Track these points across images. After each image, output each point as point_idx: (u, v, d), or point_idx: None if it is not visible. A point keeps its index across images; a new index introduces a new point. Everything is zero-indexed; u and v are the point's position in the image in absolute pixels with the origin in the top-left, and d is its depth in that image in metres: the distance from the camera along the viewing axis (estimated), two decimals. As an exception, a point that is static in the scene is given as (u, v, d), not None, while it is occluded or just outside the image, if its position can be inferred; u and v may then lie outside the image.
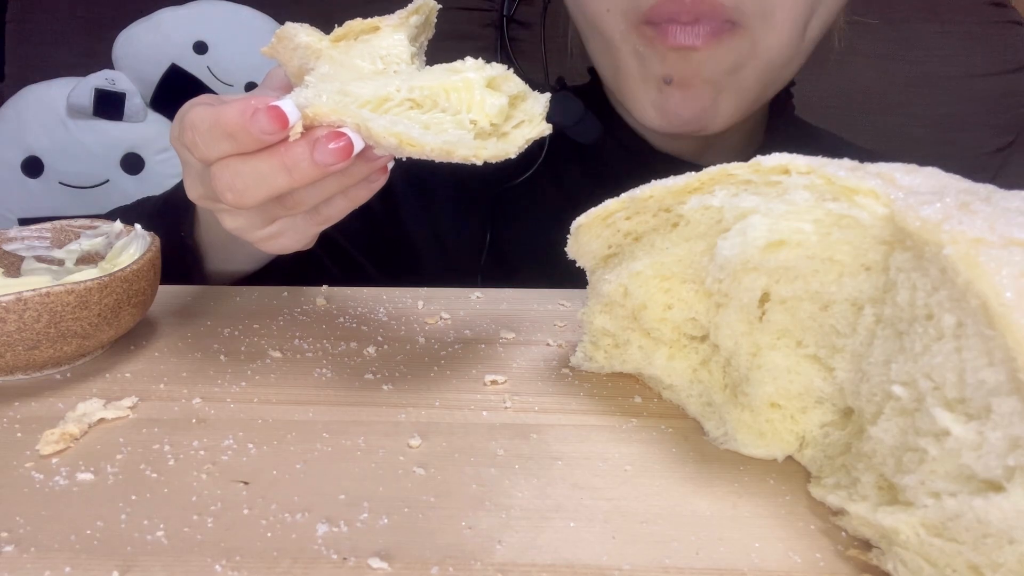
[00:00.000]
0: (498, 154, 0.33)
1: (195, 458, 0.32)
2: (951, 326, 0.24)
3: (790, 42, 0.51)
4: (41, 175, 1.21)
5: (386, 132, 0.31)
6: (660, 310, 0.36)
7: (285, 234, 0.40)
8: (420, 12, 0.38)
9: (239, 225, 0.39)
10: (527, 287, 0.52)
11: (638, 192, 0.35)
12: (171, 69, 1.21)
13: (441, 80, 0.34)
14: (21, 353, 0.36)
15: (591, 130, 0.64)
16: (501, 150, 0.33)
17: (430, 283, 0.53)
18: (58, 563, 0.26)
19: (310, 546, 0.27)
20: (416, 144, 0.31)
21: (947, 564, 0.24)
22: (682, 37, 0.50)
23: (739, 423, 0.33)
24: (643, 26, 0.52)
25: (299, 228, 0.39)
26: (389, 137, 0.31)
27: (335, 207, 0.38)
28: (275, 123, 0.32)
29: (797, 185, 0.30)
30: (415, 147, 0.31)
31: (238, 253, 0.54)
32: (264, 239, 0.40)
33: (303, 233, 0.40)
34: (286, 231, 0.39)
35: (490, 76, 0.34)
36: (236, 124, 0.32)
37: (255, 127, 0.32)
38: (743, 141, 0.66)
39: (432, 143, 0.31)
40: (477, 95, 0.34)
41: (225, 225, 0.39)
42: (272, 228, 0.39)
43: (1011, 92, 1.18)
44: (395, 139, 0.31)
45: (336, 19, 0.39)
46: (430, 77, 0.34)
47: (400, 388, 0.39)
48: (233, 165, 0.34)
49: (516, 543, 0.28)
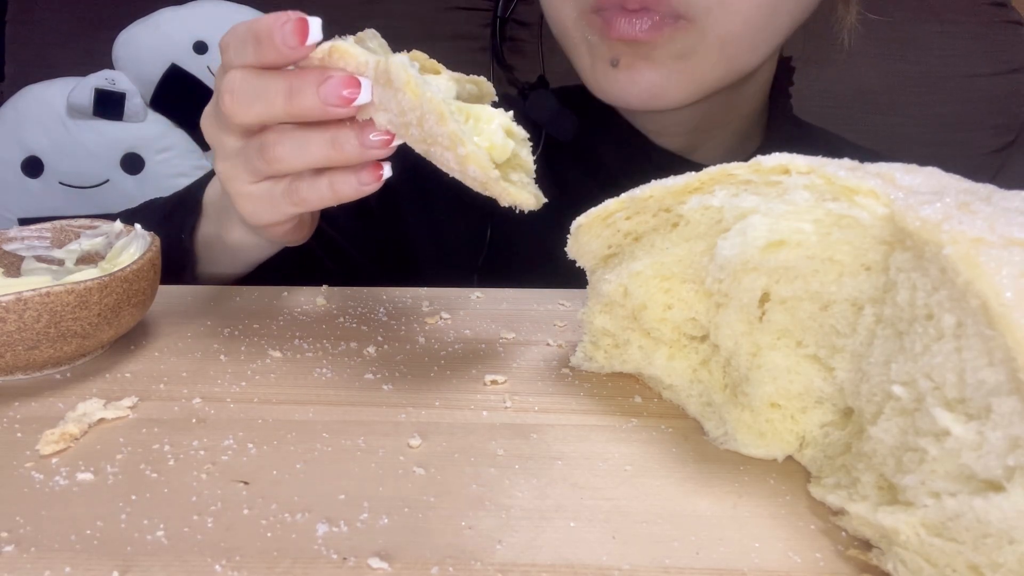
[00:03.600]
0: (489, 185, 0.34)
1: (195, 458, 0.32)
2: (951, 326, 0.24)
3: (746, 32, 0.51)
4: (41, 175, 1.21)
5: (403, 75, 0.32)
6: (660, 310, 0.36)
7: (261, 200, 0.40)
8: (479, 86, 0.39)
9: (228, 166, 0.40)
10: (526, 286, 0.52)
11: (638, 192, 0.35)
12: (171, 69, 1.22)
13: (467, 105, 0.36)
14: (21, 353, 0.36)
15: (567, 127, 0.65)
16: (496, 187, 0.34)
17: (429, 282, 0.53)
18: (58, 563, 0.26)
19: (310, 546, 0.27)
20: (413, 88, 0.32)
21: (947, 564, 0.24)
22: (626, 28, 0.50)
23: (739, 423, 0.33)
24: (591, 15, 0.53)
25: (275, 200, 0.40)
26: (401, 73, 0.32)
27: (315, 190, 0.38)
28: (296, 35, 0.34)
29: (797, 185, 0.30)
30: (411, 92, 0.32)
31: (222, 255, 0.54)
32: (242, 196, 0.41)
33: (277, 207, 0.40)
34: (262, 197, 0.40)
35: (509, 126, 0.36)
36: (265, 26, 0.34)
37: (279, 32, 0.33)
38: (738, 138, 0.66)
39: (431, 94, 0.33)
40: (495, 128, 0.36)
41: (217, 165, 0.41)
42: (252, 188, 0.40)
43: (1011, 92, 1.18)
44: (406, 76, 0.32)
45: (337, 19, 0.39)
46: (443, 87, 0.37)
47: (400, 388, 0.39)
48: (243, 73, 0.35)
49: (516, 543, 0.28)
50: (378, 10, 1.20)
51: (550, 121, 0.65)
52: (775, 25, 0.52)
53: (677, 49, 0.51)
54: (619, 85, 0.54)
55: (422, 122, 0.33)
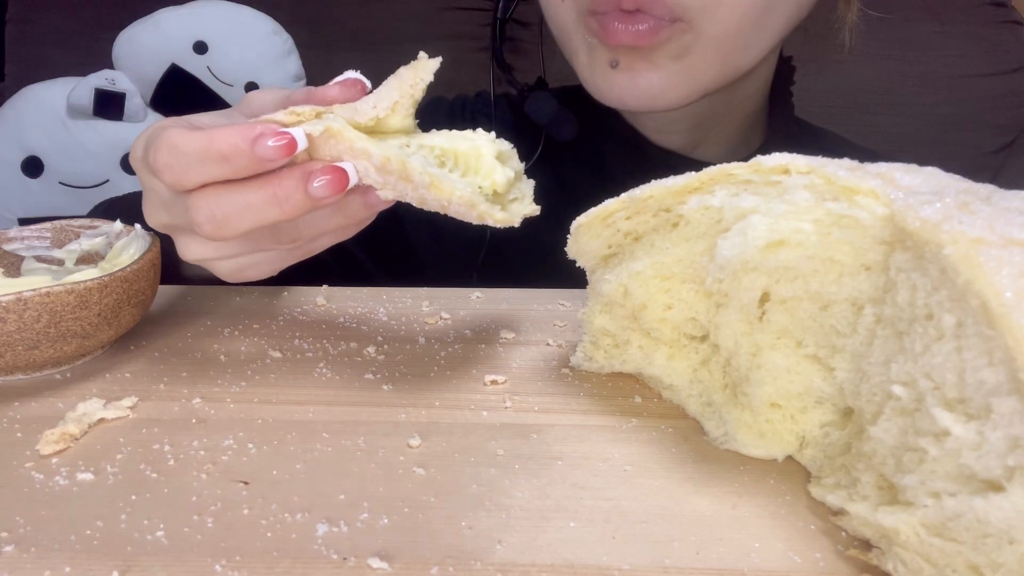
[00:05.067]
0: (506, 221, 0.34)
1: (195, 458, 0.32)
2: (951, 326, 0.24)
3: (741, 31, 0.51)
4: (41, 175, 1.21)
5: (422, 170, 0.32)
6: (660, 310, 0.36)
7: (256, 266, 0.37)
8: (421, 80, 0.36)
9: (206, 256, 0.36)
10: (526, 286, 0.52)
11: (638, 192, 0.35)
12: (171, 69, 1.22)
13: (453, 143, 0.35)
14: (21, 353, 0.36)
15: (567, 128, 0.65)
16: (508, 218, 0.34)
17: (429, 281, 0.53)
18: (58, 563, 0.26)
19: (310, 546, 0.27)
20: (446, 188, 0.32)
21: (947, 564, 0.24)
22: (623, 36, 0.50)
23: (739, 423, 0.33)
24: (588, 17, 0.53)
25: (273, 260, 0.37)
26: (423, 175, 0.31)
27: (323, 241, 0.36)
28: (282, 150, 0.31)
29: (797, 185, 0.30)
30: (443, 191, 0.32)
31: None
32: (232, 271, 0.37)
33: (276, 265, 0.38)
34: (259, 263, 0.37)
35: (500, 150, 0.36)
36: (234, 147, 0.31)
37: (259, 151, 0.30)
38: (740, 137, 0.66)
39: (462, 190, 0.32)
40: (487, 164, 0.35)
41: (186, 255, 0.36)
42: (245, 260, 0.37)
43: (1011, 92, 1.18)
44: (428, 178, 0.31)
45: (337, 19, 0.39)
46: (439, 139, 0.35)
47: (400, 388, 0.39)
48: (215, 194, 0.32)
49: (516, 543, 0.28)
50: (378, 10, 1.20)
51: (550, 122, 0.65)
52: (770, 23, 0.52)
53: (674, 49, 0.51)
54: (618, 87, 0.54)
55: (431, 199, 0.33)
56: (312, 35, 1.24)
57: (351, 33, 1.21)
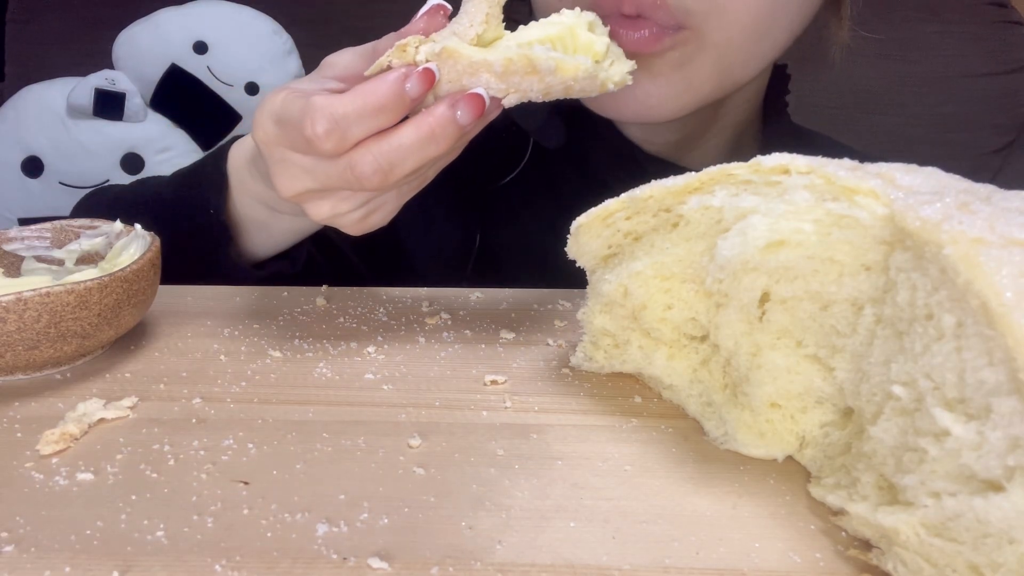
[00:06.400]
0: (624, 81, 0.38)
1: (195, 458, 0.32)
2: (951, 326, 0.24)
3: (743, 43, 0.51)
4: (41, 175, 1.21)
5: (547, 56, 0.34)
6: (660, 310, 0.36)
7: (379, 211, 0.40)
8: None
9: (341, 211, 0.39)
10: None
11: (638, 192, 0.35)
12: (171, 69, 1.22)
13: (546, 31, 0.37)
14: (21, 353, 0.36)
15: (554, 134, 0.65)
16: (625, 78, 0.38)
17: (421, 285, 0.53)
18: (58, 563, 0.26)
19: (310, 546, 0.27)
20: (571, 67, 0.34)
21: (947, 564, 0.24)
22: (624, 43, 0.50)
23: (739, 423, 0.33)
24: None
25: (391, 202, 0.40)
26: (549, 61, 0.34)
27: (432, 172, 0.39)
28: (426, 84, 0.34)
29: (797, 185, 0.30)
30: (568, 71, 0.34)
31: (279, 228, 0.53)
32: (356, 222, 0.40)
33: (395, 205, 0.41)
34: (380, 208, 0.40)
35: (589, 21, 0.38)
36: (389, 96, 0.33)
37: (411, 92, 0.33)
38: (729, 146, 0.65)
39: (584, 65, 0.35)
40: (584, 37, 0.37)
41: (319, 215, 0.39)
42: (371, 206, 0.40)
43: (1011, 92, 1.18)
44: (554, 63, 0.34)
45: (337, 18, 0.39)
46: (533, 31, 0.37)
47: (400, 388, 0.39)
48: (376, 146, 0.35)
49: (516, 543, 0.28)
50: (378, 10, 1.20)
51: (538, 128, 0.65)
52: (771, 37, 0.52)
53: (676, 58, 0.51)
54: (614, 98, 0.53)
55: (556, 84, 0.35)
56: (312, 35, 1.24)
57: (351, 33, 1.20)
